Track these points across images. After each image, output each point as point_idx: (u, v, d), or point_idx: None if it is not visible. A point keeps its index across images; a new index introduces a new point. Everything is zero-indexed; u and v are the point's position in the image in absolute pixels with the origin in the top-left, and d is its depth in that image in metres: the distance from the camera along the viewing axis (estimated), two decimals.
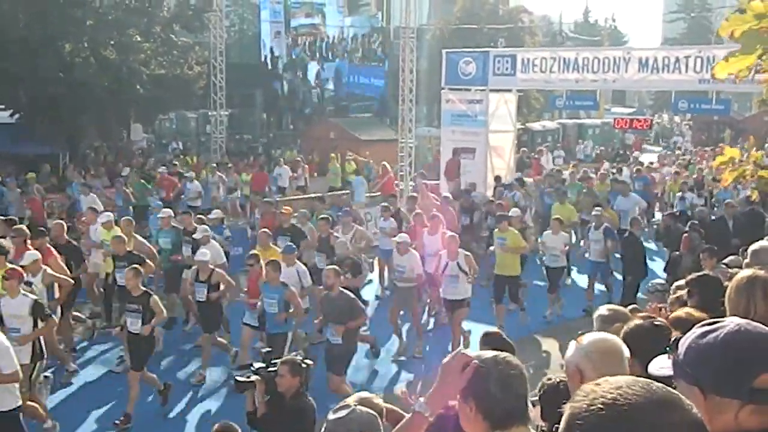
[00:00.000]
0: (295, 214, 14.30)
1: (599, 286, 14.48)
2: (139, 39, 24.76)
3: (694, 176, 24.14)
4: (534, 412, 4.17)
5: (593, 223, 14.52)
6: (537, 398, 4.41)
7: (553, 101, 25.17)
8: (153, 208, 16.18)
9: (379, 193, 23.03)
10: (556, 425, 1.77)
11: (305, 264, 11.98)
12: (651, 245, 18.13)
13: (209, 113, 31.75)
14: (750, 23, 3.32)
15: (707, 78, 18.84)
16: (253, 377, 6.43)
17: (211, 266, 10.99)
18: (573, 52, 22.16)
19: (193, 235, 12.43)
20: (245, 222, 19.41)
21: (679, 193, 20.66)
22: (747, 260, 9.13)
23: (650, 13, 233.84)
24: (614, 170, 25.19)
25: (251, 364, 6.67)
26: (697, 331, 1.71)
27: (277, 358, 6.57)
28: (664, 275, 12.73)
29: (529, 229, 15.56)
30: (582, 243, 16.11)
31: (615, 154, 38.44)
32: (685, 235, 13.49)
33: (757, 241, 10.00)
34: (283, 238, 13.00)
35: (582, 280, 15.66)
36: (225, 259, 12.40)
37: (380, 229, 15.79)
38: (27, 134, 23.17)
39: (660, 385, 1.51)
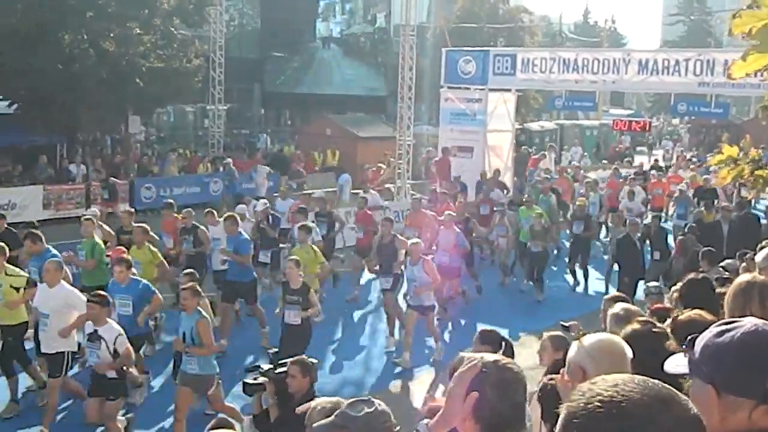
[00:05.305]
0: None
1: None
2: (138, 32, 24.63)
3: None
4: (534, 412, 4.18)
5: None
6: (537, 398, 4.42)
7: (552, 102, 25.18)
8: None
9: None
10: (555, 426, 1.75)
11: None
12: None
13: (207, 107, 31.71)
14: (766, 20, 3.15)
15: (707, 81, 18.90)
16: (262, 379, 6.27)
17: None
18: (573, 53, 22.17)
19: None
20: None
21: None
22: (744, 264, 9.21)
23: (650, 15, 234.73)
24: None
25: (259, 366, 6.53)
26: (714, 329, 1.71)
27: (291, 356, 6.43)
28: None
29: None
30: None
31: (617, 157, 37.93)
32: (680, 238, 13.66)
33: (752, 245, 10.06)
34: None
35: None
36: None
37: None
38: (24, 125, 23.05)
39: (656, 381, 1.50)
